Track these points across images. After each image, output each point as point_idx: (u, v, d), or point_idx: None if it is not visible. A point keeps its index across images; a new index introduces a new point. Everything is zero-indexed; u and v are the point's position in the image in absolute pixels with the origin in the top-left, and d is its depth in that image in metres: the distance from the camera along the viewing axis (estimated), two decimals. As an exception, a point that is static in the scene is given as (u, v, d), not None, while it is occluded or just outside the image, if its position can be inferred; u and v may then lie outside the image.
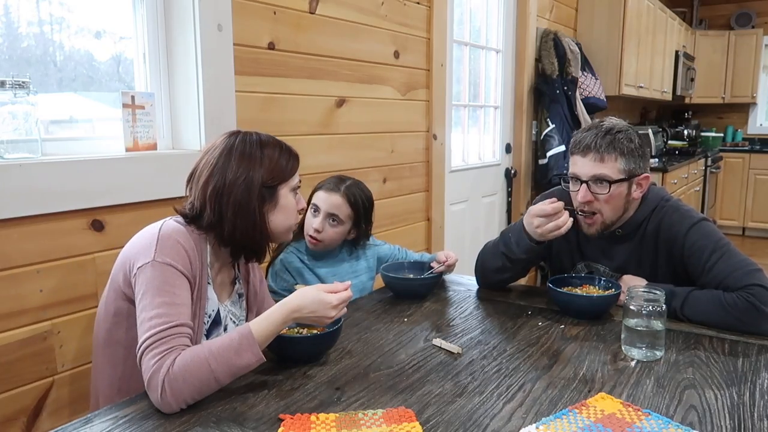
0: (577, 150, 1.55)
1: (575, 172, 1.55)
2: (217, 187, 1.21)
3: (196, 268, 1.19)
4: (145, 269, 1.12)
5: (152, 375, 1.02)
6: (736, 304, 1.37)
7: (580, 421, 0.98)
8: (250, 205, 1.22)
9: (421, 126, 2.80)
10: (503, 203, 3.80)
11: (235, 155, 1.22)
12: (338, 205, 1.69)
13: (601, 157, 1.50)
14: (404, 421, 0.98)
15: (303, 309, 1.15)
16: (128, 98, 1.65)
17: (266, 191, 1.24)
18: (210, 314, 1.27)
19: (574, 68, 3.79)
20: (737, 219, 6.50)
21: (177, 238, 1.16)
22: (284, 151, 1.28)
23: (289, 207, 1.29)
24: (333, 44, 2.23)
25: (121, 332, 1.22)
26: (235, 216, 1.21)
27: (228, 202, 1.20)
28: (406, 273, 1.76)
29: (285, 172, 1.27)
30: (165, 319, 1.07)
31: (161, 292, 1.10)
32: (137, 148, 1.67)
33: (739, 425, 0.98)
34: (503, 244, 1.64)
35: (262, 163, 1.23)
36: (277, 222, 1.28)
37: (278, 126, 2.04)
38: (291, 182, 1.29)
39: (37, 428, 1.45)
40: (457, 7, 3.17)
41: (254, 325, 1.10)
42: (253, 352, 1.07)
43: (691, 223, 1.51)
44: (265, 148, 1.25)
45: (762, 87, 6.83)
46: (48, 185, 1.42)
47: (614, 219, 1.56)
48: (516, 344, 1.34)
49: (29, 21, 1.56)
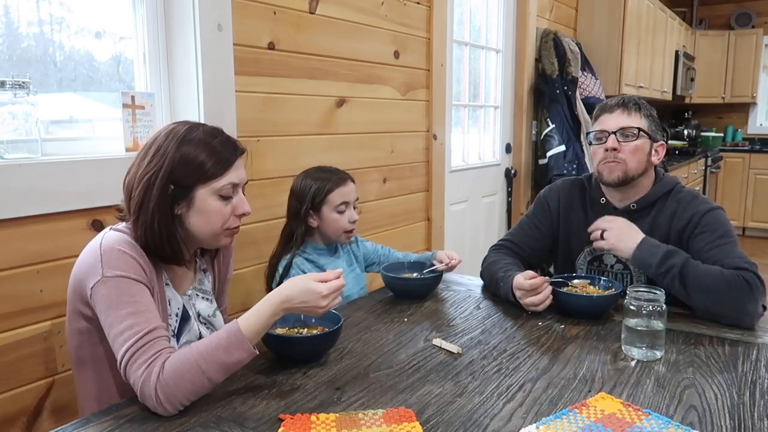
0: (603, 111, 1.65)
1: (602, 127, 1.63)
2: (128, 182, 1.18)
3: (150, 273, 1.15)
4: (98, 288, 1.08)
5: (143, 384, 1.00)
6: (732, 277, 1.40)
7: (580, 421, 0.98)
8: (151, 202, 1.14)
9: (421, 126, 2.80)
10: (503, 203, 3.80)
11: (152, 150, 1.16)
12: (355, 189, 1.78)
13: (628, 112, 1.61)
14: (404, 421, 0.98)
15: (293, 300, 1.11)
16: (128, 98, 1.65)
17: (178, 191, 1.16)
18: (177, 313, 1.24)
19: (574, 68, 3.79)
20: (737, 219, 6.50)
21: (120, 248, 1.11)
22: (214, 151, 1.17)
23: (210, 211, 1.18)
24: (333, 44, 2.23)
25: (88, 349, 1.19)
26: (138, 212, 1.15)
27: (134, 197, 1.15)
28: (406, 273, 1.76)
29: (202, 173, 1.16)
30: (137, 328, 1.04)
31: (122, 304, 1.06)
32: (137, 148, 1.66)
33: (739, 425, 0.98)
34: (496, 281, 1.65)
35: (174, 161, 1.14)
36: (197, 225, 1.19)
37: (278, 126, 2.04)
38: (213, 184, 1.17)
39: (37, 428, 1.45)
40: (457, 7, 3.17)
41: (243, 321, 1.08)
42: (243, 348, 1.05)
43: (710, 207, 1.57)
44: (187, 144, 1.16)
45: (762, 87, 6.83)
46: (48, 185, 1.42)
47: (635, 173, 1.60)
48: (516, 344, 1.34)
49: (29, 21, 1.56)
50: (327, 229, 1.73)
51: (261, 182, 1.98)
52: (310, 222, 1.73)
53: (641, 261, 1.51)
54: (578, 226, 1.72)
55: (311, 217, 1.72)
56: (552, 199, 1.77)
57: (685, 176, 5.38)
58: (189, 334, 1.26)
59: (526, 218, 1.82)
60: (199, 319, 1.31)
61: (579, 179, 1.77)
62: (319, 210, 1.72)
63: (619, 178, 1.60)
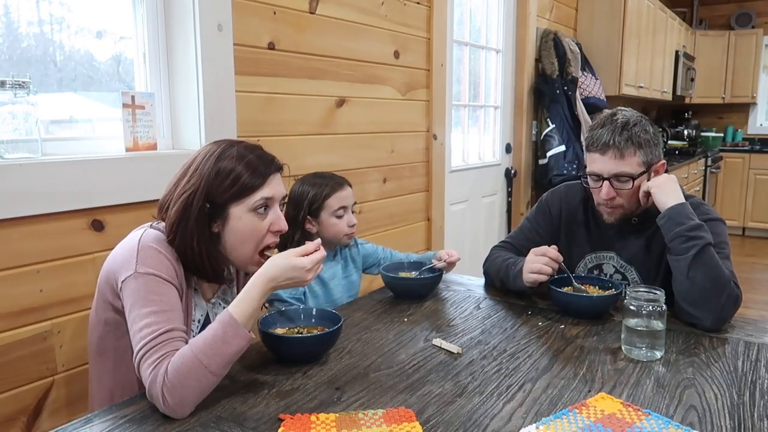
0: (594, 148, 1.55)
1: (595, 171, 1.56)
2: (167, 199, 1.20)
3: (181, 276, 1.17)
4: (129, 282, 1.10)
5: (150, 386, 1.01)
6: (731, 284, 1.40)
7: (580, 421, 0.98)
8: (189, 222, 1.15)
9: (421, 126, 2.80)
10: (503, 203, 3.80)
11: (191, 169, 1.18)
12: (352, 193, 1.78)
13: (620, 153, 1.51)
14: (404, 421, 0.98)
15: (278, 278, 1.11)
16: (128, 98, 1.65)
17: (214, 209, 1.16)
18: (199, 320, 1.26)
19: (574, 68, 3.79)
20: (737, 219, 6.50)
21: (157, 248, 1.13)
22: (249, 164, 1.18)
23: (244, 230, 1.18)
24: (333, 44, 2.23)
25: (112, 341, 1.20)
26: (176, 231, 1.16)
27: (171, 215, 1.17)
28: (406, 273, 1.76)
29: (236, 186, 1.16)
30: (155, 327, 1.06)
31: (148, 302, 1.08)
32: (137, 148, 1.67)
33: (739, 425, 0.98)
34: (504, 272, 1.67)
35: (210, 177, 1.16)
36: (230, 245, 1.20)
37: (278, 126, 2.04)
38: (247, 201, 1.17)
39: (37, 428, 1.45)
40: (457, 7, 3.17)
41: (233, 308, 1.07)
42: (240, 335, 1.05)
43: (710, 218, 1.53)
44: (222, 161, 1.17)
45: (762, 87, 6.84)
46: (48, 185, 1.42)
47: (635, 208, 1.59)
48: (516, 344, 1.34)
49: (29, 21, 1.56)
50: (326, 233, 1.73)
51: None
52: (308, 228, 1.72)
53: (675, 214, 1.45)
54: (579, 240, 1.72)
55: (309, 222, 1.72)
56: (554, 205, 1.77)
57: (685, 176, 5.38)
58: None
59: (527, 222, 1.82)
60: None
61: (582, 190, 1.73)
62: (317, 216, 1.72)
63: (618, 219, 1.60)
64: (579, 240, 1.72)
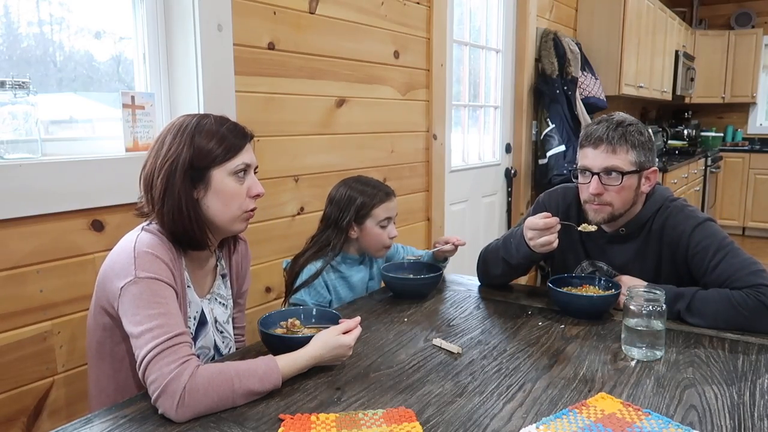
0: (588, 142, 1.55)
1: (586, 165, 1.55)
2: (148, 171, 1.20)
3: (177, 277, 1.17)
4: (129, 288, 1.09)
5: (170, 381, 1.00)
6: (745, 302, 1.37)
7: (580, 421, 0.98)
8: (175, 187, 1.17)
9: (421, 126, 2.80)
10: (503, 203, 3.80)
11: (168, 138, 1.20)
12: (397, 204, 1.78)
13: (613, 148, 1.51)
14: (404, 421, 0.98)
15: (325, 356, 1.17)
16: (128, 98, 1.65)
17: (195, 173, 1.19)
18: (195, 316, 1.26)
19: (574, 68, 3.79)
20: (737, 219, 6.50)
21: (154, 253, 1.13)
22: (226, 131, 1.22)
23: (227, 191, 1.22)
24: (333, 44, 2.23)
25: (110, 346, 1.20)
26: (163, 199, 1.17)
27: (156, 185, 1.18)
28: (406, 273, 1.76)
29: (218, 153, 1.20)
30: (165, 329, 1.05)
31: (152, 305, 1.08)
32: (137, 148, 1.67)
33: (739, 425, 0.98)
34: (504, 249, 1.65)
35: (191, 144, 1.18)
36: (214, 209, 1.22)
37: (278, 126, 2.04)
38: (228, 165, 1.21)
39: (37, 428, 1.45)
40: (457, 7, 3.17)
41: (281, 361, 1.11)
42: (273, 382, 1.08)
43: (696, 223, 1.51)
44: (201, 128, 1.20)
45: (762, 87, 6.83)
46: (48, 185, 1.42)
47: (622, 211, 1.56)
48: (516, 344, 1.34)
49: (29, 21, 1.56)
50: (367, 242, 1.72)
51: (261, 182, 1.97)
52: (351, 233, 1.71)
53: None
54: (573, 245, 1.69)
55: (352, 228, 1.71)
56: (551, 207, 1.74)
57: (685, 176, 5.38)
58: (205, 339, 1.28)
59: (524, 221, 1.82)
60: (216, 325, 1.32)
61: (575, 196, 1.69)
62: (362, 223, 1.70)
63: (605, 219, 1.56)
64: (573, 249, 1.69)
